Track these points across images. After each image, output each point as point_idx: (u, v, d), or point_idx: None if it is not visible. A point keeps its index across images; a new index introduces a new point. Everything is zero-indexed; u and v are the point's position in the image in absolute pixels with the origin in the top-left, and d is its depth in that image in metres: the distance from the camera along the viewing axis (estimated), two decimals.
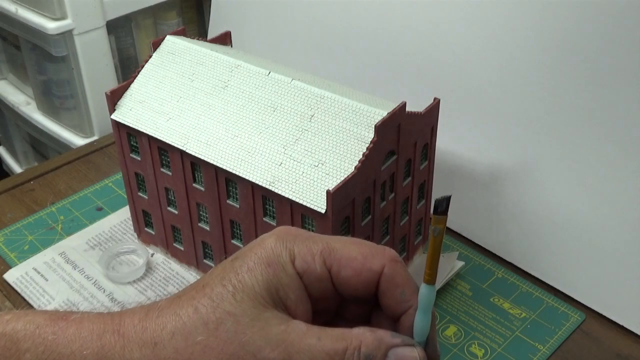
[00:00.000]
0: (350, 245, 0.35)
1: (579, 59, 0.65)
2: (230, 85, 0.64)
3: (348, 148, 0.57)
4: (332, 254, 0.34)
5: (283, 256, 0.34)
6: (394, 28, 0.78)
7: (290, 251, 0.34)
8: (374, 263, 0.34)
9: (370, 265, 0.34)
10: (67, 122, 1.22)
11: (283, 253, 0.34)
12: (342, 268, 0.34)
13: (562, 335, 0.66)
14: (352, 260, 0.34)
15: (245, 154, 0.60)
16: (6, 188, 0.86)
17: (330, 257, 0.34)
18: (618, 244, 0.66)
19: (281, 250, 0.34)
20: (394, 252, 0.35)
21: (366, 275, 0.34)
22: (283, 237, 0.35)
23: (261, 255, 0.34)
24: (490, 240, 0.76)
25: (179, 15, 1.28)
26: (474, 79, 0.73)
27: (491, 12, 0.70)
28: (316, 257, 0.34)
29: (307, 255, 0.34)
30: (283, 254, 0.34)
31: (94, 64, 1.15)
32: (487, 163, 0.74)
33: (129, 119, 0.66)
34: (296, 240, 0.35)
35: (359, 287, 0.34)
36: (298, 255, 0.34)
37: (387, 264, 0.34)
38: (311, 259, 0.34)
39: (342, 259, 0.34)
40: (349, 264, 0.34)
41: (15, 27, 1.18)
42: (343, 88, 0.63)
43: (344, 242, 0.35)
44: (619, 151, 0.64)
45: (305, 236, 0.35)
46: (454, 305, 0.69)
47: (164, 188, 0.68)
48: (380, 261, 0.34)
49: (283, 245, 0.34)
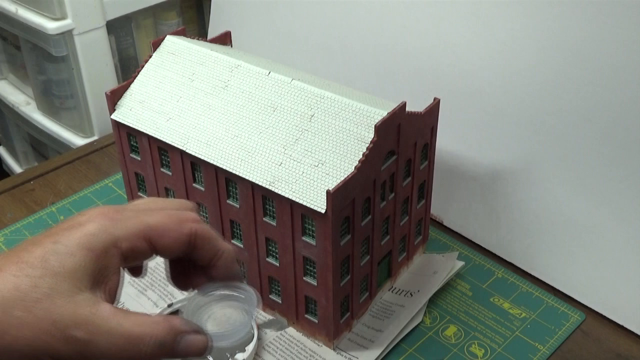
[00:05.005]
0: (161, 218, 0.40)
1: (579, 59, 0.65)
2: (230, 85, 0.64)
3: (348, 148, 0.57)
4: (151, 230, 0.39)
5: (105, 241, 0.38)
6: (394, 28, 0.78)
7: (112, 236, 0.38)
8: (185, 227, 0.40)
9: (183, 231, 0.40)
10: (67, 122, 1.22)
11: (105, 239, 0.38)
12: (162, 239, 0.40)
13: (562, 335, 0.66)
14: (168, 231, 0.40)
15: (245, 154, 0.60)
16: (6, 188, 0.86)
17: (150, 234, 0.39)
18: (618, 244, 0.66)
19: (103, 236, 0.38)
20: (196, 215, 0.42)
21: (181, 239, 0.40)
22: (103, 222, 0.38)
23: (83, 240, 0.37)
24: (490, 240, 0.76)
25: (179, 15, 1.28)
26: (474, 79, 0.73)
27: (491, 12, 0.70)
28: (139, 237, 0.39)
29: (131, 237, 0.39)
30: (105, 239, 0.38)
31: (94, 64, 1.15)
32: (487, 163, 0.74)
33: (129, 119, 0.66)
34: (117, 225, 0.38)
35: (175, 249, 0.40)
36: (122, 238, 0.38)
37: (194, 225, 0.40)
38: (135, 239, 0.39)
39: (160, 231, 0.39)
40: (167, 234, 0.40)
41: (15, 27, 1.18)
42: (343, 88, 0.63)
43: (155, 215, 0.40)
44: (619, 151, 0.64)
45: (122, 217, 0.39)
46: (454, 305, 0.69)
47: (164, 188, 0.68)
48: (189, 225, 0.40)
49: (105, 231, 0.38)
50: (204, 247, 0.41)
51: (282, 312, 0.66)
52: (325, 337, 0.64)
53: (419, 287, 0.69)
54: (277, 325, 0.67)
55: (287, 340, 0.65)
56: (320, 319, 0.63)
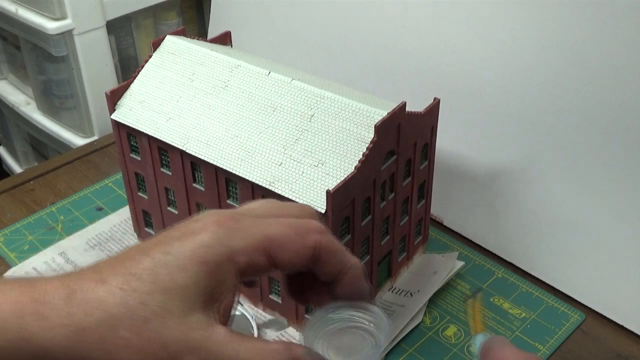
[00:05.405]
0: (282, 228, 0.35)
1: (579, 59, 0.65)
2: (230, 85, 0.64)
3: (348, 148, 0.57)
4: (272, 242, 0.35)
5: (221, 255, 0.33)
6: (394, 28, 0.78)
7: (228, 249, 0.34)
8: (309, 239, 0.35)
9: (307, 243, 0.35)
10: (67, 122, 1.22)
11: (221, 251, 0.33)
12: (283, 253, 0.35)
13: (562, 335, 0.66)
14: (290, 244, 0.35)
15: (245, 154, 0.60)
16: (6, 188, 0.86)
17: (270, 247, 0.35)
18: (618, 244, 0.66)
19: (219, 249, 0.33)
20: (319, 223, 0.37)
21: (304, 252, 0.35)
22: (218, 232, 0.34)
23: (196, 253, 0.33)
24: (490, 240, 0.76)
25: (179, 15, 1.28)
26: (474, 79, 0.73)
27: (491, 12, 0.70)
28: (258, 250, 0.34)
29: (249, 250, 0.34)
30: (221, 252, 0.33)
31: (94, 64, 1.15)
32: (487, 163, 0.74)
33: (129, 119, 0.66)
34: (233, 236, 0.34)
35: (296, 263, 0.36)
36: (239, 251, 0.34)
37: (319, 237, 0.36)
38: (253, 252, 0.34)
39: (281, 244, 0.35)
40: (288, 247, 0.35)
41: (15, 27, 1.18)
42: (343, 88, 0.63)
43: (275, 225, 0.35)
44: (619, 151, 0.64)
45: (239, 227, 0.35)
46: (454, 305, 0.69)
47: (164, 188, 0.68)
48: (313, 236, 0.36)
49: (220, 243, 0.34)
50: (329, 262, 0.36)
51: (282, 312, 0.66)
52: None
53: (419, 287, 0.69)
54: (277, 325, 0.67)
55: (287, 340, 0.65)
56: None
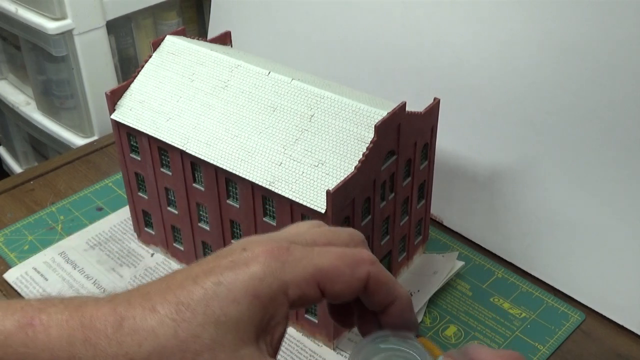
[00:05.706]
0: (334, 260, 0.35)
1: (579, 59, 0.65)
2: (230, 85, 0.64)
3: (348, 148, 0.57)
4: (323, 275, 0.35)
5: (274, 287, 0.33)
6: (394, 28, 0.78)
7: (281, 282, 0.34)
8: (360, 272, 0.35)
9: (358, 276, 0.35)
10: (67, 122, 1.22)
11: (274, 284, 0.33)
12: (334, 285, 0.35)
13: (562, 335, 0.66)
14: (341, 276, 0.35)
15: (245, 154, 0.60)
16: (6, 188, 0.86)
17: (321, 279, 0.35)
18: (618, 244, 0.66)
19: (271, 281, 0.33)
20: (370, 252, 0.37)
21: (355, 284, 0.35)
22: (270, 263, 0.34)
23: (249, 285, 0.33)
24: (490, 240, 0.76)
25: (179, 15, 1.28)
26: (474, 79, 0.73)
27: (491, 12, 0.70)
28: (309, 283, 0.34)
29: (301, 283, 0.34)
30: (274, 285, 0.33)
31: (94, 64, 1.15)
32: (487, 163, 0.74)
33: (129, 119, 0.66)
34: (285, 268, 0.34)
35: (347, 294, 0.36)
36: (291, 284, 0.34)
37: (370, 268, 0.36)
38: (305, 285, 0.34)
39: (332, 277, 0.35)
40: (339, 279, 0.35)
41: (15, 27, 1.18)
42: (343, 88, 0.63)
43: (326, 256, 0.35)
44: (619, 151, 0.64)
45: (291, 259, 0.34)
46: (454, 305, 0.69)
47: (164, 188, 0.68)
48: (365, 268, 0.35)
49: (273, 275, 0.34)
50: (378, 292, 0.36)
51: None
52: (325, 337, 0.64)
53: (419, 287, 0.69)
54: None
55: (287, 340, 0.65)
56: (320, 318, 0.63)
